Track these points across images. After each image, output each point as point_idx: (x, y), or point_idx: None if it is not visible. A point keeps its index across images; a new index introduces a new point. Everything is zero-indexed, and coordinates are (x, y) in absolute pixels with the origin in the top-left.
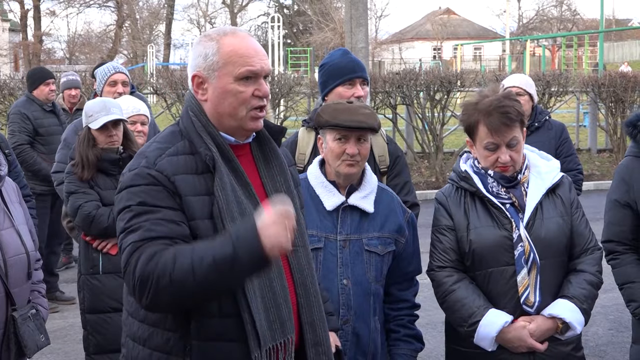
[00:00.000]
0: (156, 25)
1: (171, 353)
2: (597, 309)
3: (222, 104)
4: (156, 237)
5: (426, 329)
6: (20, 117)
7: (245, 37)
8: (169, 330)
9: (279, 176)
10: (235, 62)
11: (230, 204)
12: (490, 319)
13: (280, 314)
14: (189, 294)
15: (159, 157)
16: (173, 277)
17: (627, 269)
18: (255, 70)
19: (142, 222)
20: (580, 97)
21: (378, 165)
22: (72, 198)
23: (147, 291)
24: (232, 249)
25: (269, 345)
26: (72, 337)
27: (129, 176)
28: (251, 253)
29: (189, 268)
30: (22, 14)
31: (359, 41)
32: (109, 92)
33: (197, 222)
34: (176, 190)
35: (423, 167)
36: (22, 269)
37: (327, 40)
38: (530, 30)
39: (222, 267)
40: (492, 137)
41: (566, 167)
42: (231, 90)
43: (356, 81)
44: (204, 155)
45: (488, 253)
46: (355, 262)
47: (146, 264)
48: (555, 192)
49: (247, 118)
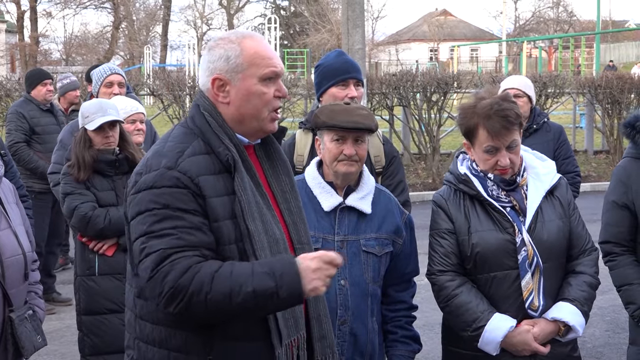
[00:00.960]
0: (153, 27)
1: (191, 352)
2: (593, 310)
3: (246, 105)
4: (186, 247)
5: (423, 330)
6: (17, 116)
7: (263, 39)
8: (188, 330)
9: (284, 176)
10: (259, 64)
11: (251, 204)
12: (495, 323)
13: (294, 310)
14: (221, 315)
15: (180, 157)
16: (209, 297)
17: (625, 271)
18: (278, 71)
19: (168, 228)
20: (577, 98)
21: (374, 165)
22: (68, 199)
23: (178, 303)
24: (274, 285)
25: (286, 342)
26: (69, 339)
27: (151, 176)
28: (291, 292)
29: (227, 292)
30: (18, 15)
31: (355, 42)
32: (105, 93)
33: (220, 224)
34: (200, 192)
35: (420, 169)
36: (19, 270)
37: (323, 41)
38: (526, 31)
39: (261, 299)
40: (492, 141)
41: (564, 169)
42: (256, 91)
43: (349, 82)
44: (224, 154)
45: (491, 257)
46: (353, 263)
47: (180, 276)
48: (554, 194)
49: (267, 119)
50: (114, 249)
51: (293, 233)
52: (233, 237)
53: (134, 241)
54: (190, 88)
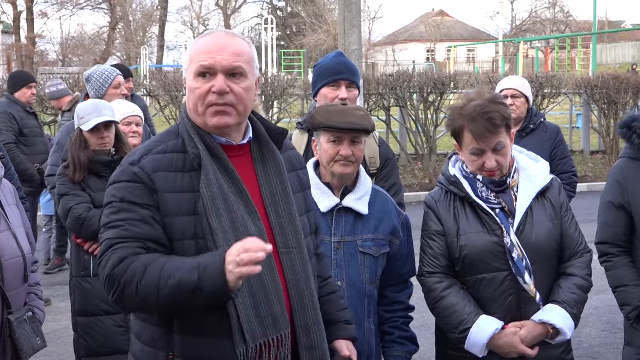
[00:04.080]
0: (149, 28)
1: (157, 347)
2: (590, 310)
3: (189, 102)
4: (129, 238)
5: (420, 330)
6: (7, 116)
7: (219, 35)
8: (155, 325)
9: (275, 177)
10: (195, 60)
11: (216, 200)
12: (481, 326)
13: (272, 310)
14: (152, 306)
15: (145, 155)
16: (139, 288)
17: (621, 272)
18: (208, 65)
19: (119, 220)
20: (573, 99)
21: (368, 166)
22: (64, 200)
23: (113, 291)
24: (197, 278)
25: (261, 341)
26: (65, 340)
27: (116, 173)
28: (214, 285)
29: (155, 284)
30: (15, 15)
31: (352, 43)
32: (114, 95)
33: (172, 219)
34: (154, 186)
35: (416, 169)
36: (19, 272)
37: (320, 42)
38: (523, 32)
39: (184, 292)
40: (478, 143)
41: (561, 169)
42: (191, 87)
43: (341, 83)
44: (191, 153)
45: (479, 259)
46: (350, 264)
47: (116, 265)
48: (545, 196)
49: (207, 114)
50: None
51: (279, 237)
52: (190, 233)
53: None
54: None
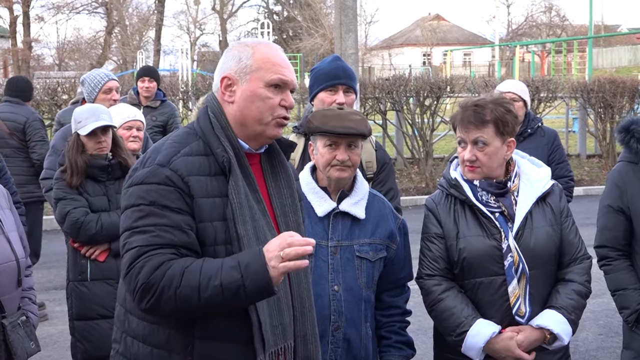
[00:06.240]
0: (146, 32)
1: (173, 351)
2: (587, 314)
3: (250, 107)
4: (163, 245)
5: (417, 334)
6: (42, 124)
7: (279, 49)
8: (171, 327)
9: (285, 189)
10: (268, 69)
11: (243, 207)
12: (478, 329)
13: (283, 319)
14: (191, 309)
15: (174, 155)
16: (178, 292)
17: (620, 275)
18: (286, 80)
19: (150, 225)
20: (570, 102)
21: (365, 171)
22: (61, 204)
23: (149, 298)
24: (240, 276)
25: (272, 350)
26: (62, 344)
27: (143, 172)
28: (257, 282)
29: (195, 286)
30: (11, 20)
31: (348, 47)
32: (104, 100)
33: (205, 225)
34: (189, 191)
35: (413, 173)
36: (12, 276)
37: (316, 46)
38: (519, 36)
39: (228, 292)
40: (461, 132)
41: (558, 173)
42: (260, 94)
43: (339, 87)
44: (221, 156)
45: (477, 262)
46: (347, 268)
47: (152, 272)
48: (545, 201)
49: (271, 124)
50: (105, 255)
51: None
52: (222, 238)
53: (121, 234)
54: (183, 93)
